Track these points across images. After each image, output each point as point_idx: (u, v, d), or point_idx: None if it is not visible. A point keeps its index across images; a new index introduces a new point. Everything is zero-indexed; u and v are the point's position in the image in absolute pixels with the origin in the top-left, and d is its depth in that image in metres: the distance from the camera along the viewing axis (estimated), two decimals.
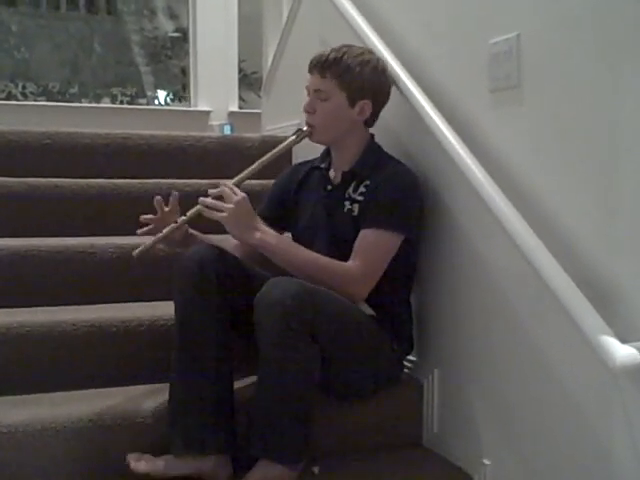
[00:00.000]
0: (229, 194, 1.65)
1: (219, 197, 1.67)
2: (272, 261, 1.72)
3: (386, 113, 1.88)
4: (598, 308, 1.31)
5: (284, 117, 3.02)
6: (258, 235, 1.67)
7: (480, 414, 1.70)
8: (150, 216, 1.76)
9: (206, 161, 2.70)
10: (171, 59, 6.79)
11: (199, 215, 1.71)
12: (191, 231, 1.82)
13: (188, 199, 1.74)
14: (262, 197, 2.00)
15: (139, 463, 1.57)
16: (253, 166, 1.79)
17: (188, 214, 1.73)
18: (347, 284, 1.69)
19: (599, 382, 1.32)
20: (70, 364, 1.81)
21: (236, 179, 1.75)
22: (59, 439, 1.57)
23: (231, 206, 1.64)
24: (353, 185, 1.83)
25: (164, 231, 1.71)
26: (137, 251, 1.71)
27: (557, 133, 1.48)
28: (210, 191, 1.69)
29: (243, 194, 1.66)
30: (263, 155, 1.81)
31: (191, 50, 5.05)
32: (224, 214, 1.64)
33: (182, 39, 5.98)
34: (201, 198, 1.68)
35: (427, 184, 1.83)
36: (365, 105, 1.81)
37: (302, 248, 1.73)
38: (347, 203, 1.82)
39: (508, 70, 1.59)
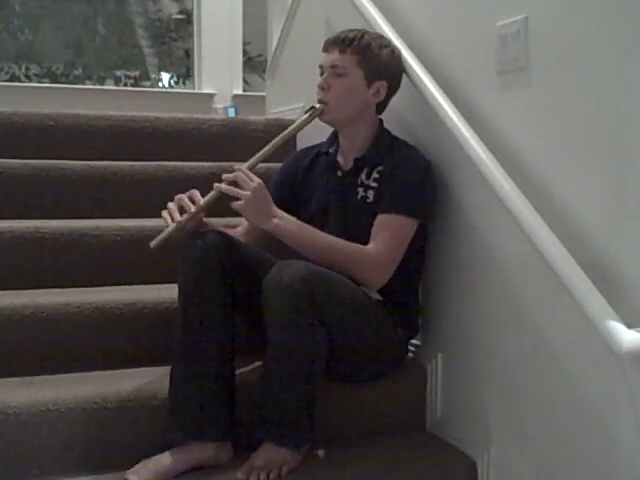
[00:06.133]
0: (245, 180, 1.61)
1: (234, 182, 1.63)
2: (288, 247, 1.70)
3: (394, 97, 1.86)
4: (604, 293, 1.31)
5: (288, 100, 3.00)
6: (275, 221, 1.65)
7: (484, 399, 1.70)
8: (173, 205, 1.68)
9: (210, 144, 2.70)
10: (175, 41, 6.75)
11: (214, 201, 1.67)
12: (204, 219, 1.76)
13: (192, 181, 1.73)
14: (268, 180, 1.99)
15: (140, 474, 1.53)
16: (266, 148, 1.75)
17: (202, 202, 1.67)
18: (367, 269, 1.68)
19: (605, 367, 1.32)
20: (74, 346, 1.82)
21: (249, 162, 1.71)
22: (64, 421, 1.58)
23: (248, 193, 1.60)
24: (366, 171, 1.81)
25: (180, 219, 1.65)
26: (154, 242, 1.66)
27: (565, 116, 1.46)
28: (225, 176, 1.64)
29: (259, 180, 1.63)
30: (267, 138, 1.79)
31: (195, 32, 5.01)
32: (241, 202, 1.61)
33: (186, 21, 5.94)
34: (216, 184, 1.64)
35: (434, 168, 1.82)
36: (381, 86, 1.79)
37: (320, 232, 1.70)
38: (360, 190, 1.81)
39: (516, 52, 1.58)
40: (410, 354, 1.94)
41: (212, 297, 1.63)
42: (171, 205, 1.69)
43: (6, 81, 5.67)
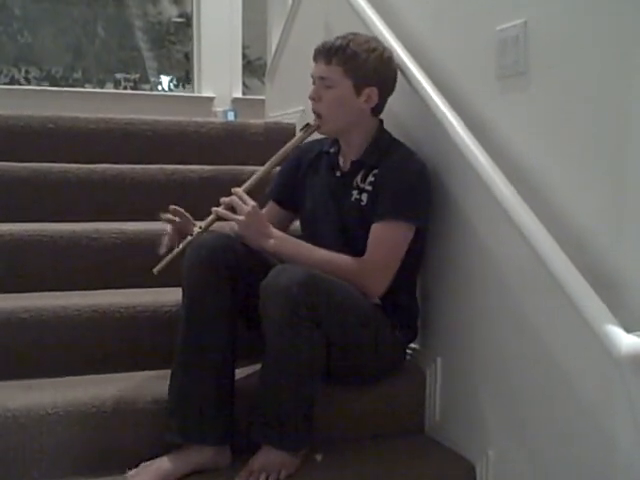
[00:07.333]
0: (239, 204, 1.67)
1: (230, 206, 1.69)
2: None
3: (392, 101, 1.87)
4: (603, 297, 1.31)
5: (288, 103, 3.01)
6: (271, 242, 1.70)
7: (483, 403, 1.70)
8: (170, 216, 1.75)
9: (210, 147, 2.70)
10: (175, 45, 6.75)
11: (212, 224, 1.74)
12: None
13: (192, 184, 1.73)
14: (268, 184, 2.00)
15: (141, 477, 1.55)
16: (263, 168, 1.81)
17: (203, 225, 1.73)
18: (365, 280, 1.70)
19: (603, 371, 1.32)
20: (74, 349, 1.82)
21: (246, 185, 1.76)
22: (62, 424, 1.58)
23: (242, 218, 1.66)
24: (361, 174, 1.82)
25: (181, 246, 1.71)
26: (157, 268, 1.73)
27: (564, 119, 1.47)
28: (222, 199, 1.71)
29: (253, 203, 1.68)
30: (267, 141, 1.81)
31: (195, 36, 5.02)
32: (236, 227, 1.67)
33: (186, 24, 5.94)
34: (214, 208, 1.70)
35: (433, 172, 1.82)
36: (371, 93, 1.79)
37: (316, 249, 1.73)
38: (355, 192, 1.81)
39: (515, 56, 1.58)
40: (409, 358, 1.94)
41: (217, 298, 1.63)
42: (170, 231, 1.75)
43: (6, 84, 5.67)
